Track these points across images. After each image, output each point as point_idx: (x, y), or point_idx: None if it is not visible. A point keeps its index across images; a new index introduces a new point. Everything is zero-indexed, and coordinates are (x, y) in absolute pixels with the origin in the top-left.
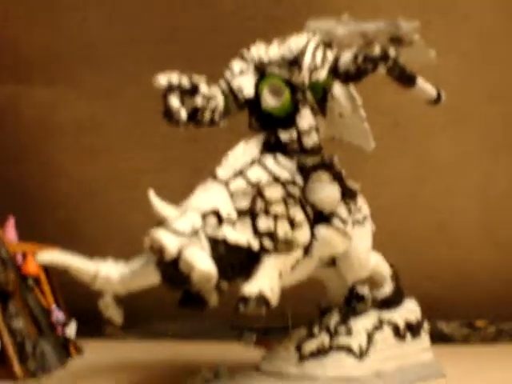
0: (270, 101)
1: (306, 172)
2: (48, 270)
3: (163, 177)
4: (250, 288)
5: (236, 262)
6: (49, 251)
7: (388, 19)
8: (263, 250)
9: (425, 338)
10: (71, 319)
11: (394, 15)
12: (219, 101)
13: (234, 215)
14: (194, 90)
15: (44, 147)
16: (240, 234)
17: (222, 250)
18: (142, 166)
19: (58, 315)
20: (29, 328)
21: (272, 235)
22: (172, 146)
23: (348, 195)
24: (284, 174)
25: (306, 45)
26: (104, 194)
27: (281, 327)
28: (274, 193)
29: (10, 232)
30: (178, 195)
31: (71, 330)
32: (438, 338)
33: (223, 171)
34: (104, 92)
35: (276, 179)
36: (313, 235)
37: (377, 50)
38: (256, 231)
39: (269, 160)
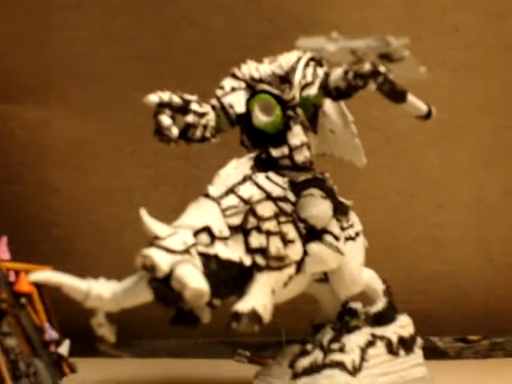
0: (261, 117)
1: (297, 188)
2: (41, 288)
3: (155, 194)
4: (243, 305)
5: (229, 279)
6: (41, 270)
7: (377, 36)
8: (256, 266)
9: (418, 353)
10: (64, 337)
11: (383, 31)
12: (210, 118)
13: (226, 232)
14: (185, 108)
15: (36, 166)
16: (232, 251)
17: (214, 267)
18: (134, 184)
19: (51, 334)
20: (22, 346)
21: (264, 252)
22: (163, 164)
23: (340, 211)
24: (276, 191)
25: (296, 62)
26: (96, 212)
27: (274, 343)
28: (266, 209)
29: (3, 250)
30: (170, 212)
31: (64, 348)
32: (431, 352)
33: (215, 189)
34: (95, 110)
35: (268, 196)
36: (305, 251)
37: (367, 67)
38: (248, 248)
39: (260, 177)
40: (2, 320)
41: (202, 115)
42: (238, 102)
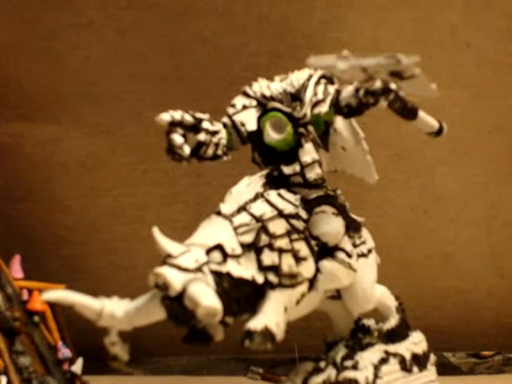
0: (272, 135)
1: (309, 205)
2: (54, 306)
3: (167, 212)
4: (256, 323)
5: (241, 297)
6: (54, 290)
7: (388, 53)
8: (268, 284)
9: (431, 369)
10: (78, 356)
11: (394, 50)
12: (222, 136)
13: (238, 250)
14: (196, 126)
15: (47, 184)
16: (245, 269)
17: (226, 286)
18: (146, 202)
19: (64, 352)
20: (35, 365)
21: (276, 269)
22: (175, 182)
23: (352, 228)
24: (288, 208)
25: (307, 80)
26: (108, 230)
27: (288, 360)
28: (278, 227)
29: (16, 269)
30: (182, 230)
31: (78, 366)
32: (444, 368)
33: (227, 206)
34: (107, 129)
35: (280, 213)
36: (317, 269)
37: (378, 84)
38: (260, 266)
39: (272, 194)
40: (15, 339)
41: (213, 133)
42: (249, 119)
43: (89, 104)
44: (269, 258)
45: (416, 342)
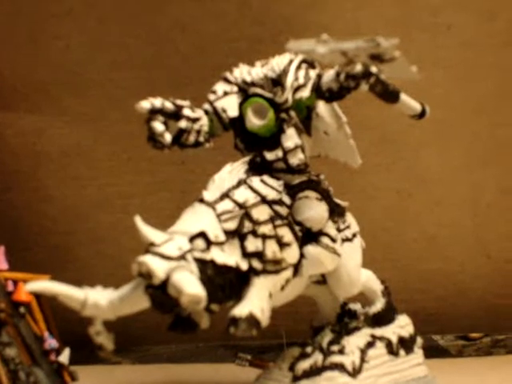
0: (254, 121)
1: (293, 191)
2: (39, 297)
3: (151, 200)
4: (240, 309)
5: (225, 284)
6: (38, 280)
7: (367, 37)
8: (252, 270)
9: (418, 352)
10: (64, 346)
11: (375, 33)
12: (203, 122)
13: (221, 237)
14: (177, 114)
15: (31, 175)
16: (228, 256)
17: (210, 273)
18: (130, 191)
19: (50, 342)
20: (22, 356)
21: (261, 256)
22: (159, 170)
23: (336, 213)
24: (271, 194)
25: (288, 64)
26: (93, 220)
27: (276, 346)
28: (262, 213)
29: (1, 260)
30: (167, 218)
31: (65, 356)
32: (433, 351)
33: (209, 193)
34: (90, 118)
35: (263, 199)
36: (302, 254)
37: (358, 68)
38: (244, 252)
39: (255, 180)
40: (1, 330)
41: (194, 120)
42: (230, 106)
43: (71, 93)
44: (252, 244)
45: (402, 326)
